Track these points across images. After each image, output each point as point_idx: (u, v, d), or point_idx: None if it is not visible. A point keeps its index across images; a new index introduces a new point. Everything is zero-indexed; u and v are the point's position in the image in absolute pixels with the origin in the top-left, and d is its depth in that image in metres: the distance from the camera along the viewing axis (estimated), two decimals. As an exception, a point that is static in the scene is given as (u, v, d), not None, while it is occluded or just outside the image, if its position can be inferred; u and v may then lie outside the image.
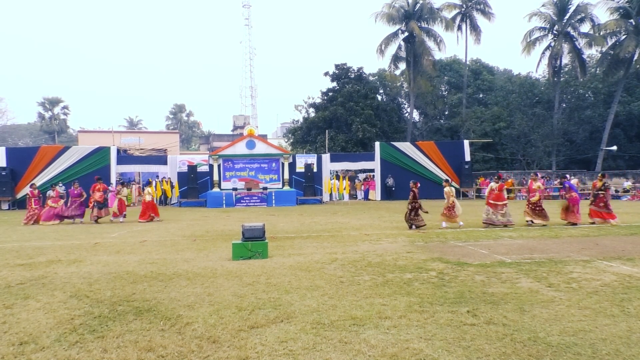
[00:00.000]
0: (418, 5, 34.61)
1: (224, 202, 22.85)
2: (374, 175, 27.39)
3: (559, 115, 33.51)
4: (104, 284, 6.17)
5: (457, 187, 25.94)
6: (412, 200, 12.13)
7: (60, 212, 15.73)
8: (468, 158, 26.75)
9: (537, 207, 12.66)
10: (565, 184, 13.71)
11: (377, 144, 27.11)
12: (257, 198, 23.41)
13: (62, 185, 20.57)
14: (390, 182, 25.87)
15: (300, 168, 25.64)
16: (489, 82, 42.57)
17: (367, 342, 3.89)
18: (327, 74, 36.90)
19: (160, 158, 27.85)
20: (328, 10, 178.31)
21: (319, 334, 4.09)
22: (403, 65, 37.38)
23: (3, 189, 22.67)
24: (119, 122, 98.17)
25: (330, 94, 36.07)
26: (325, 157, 26.73)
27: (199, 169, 24.69)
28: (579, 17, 31.83)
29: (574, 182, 15.71)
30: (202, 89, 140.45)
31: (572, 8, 32.12)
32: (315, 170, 25.50)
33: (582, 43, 32.50)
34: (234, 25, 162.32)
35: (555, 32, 32.93)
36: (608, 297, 5.22)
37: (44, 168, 23.58)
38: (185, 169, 24.61)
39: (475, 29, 36.11)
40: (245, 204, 23.07)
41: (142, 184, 27.97)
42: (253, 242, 7.93)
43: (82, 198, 15.94)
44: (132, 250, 9.15)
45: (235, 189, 23.92)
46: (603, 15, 62.73)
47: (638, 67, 32.41)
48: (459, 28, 36.59)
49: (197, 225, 14.07)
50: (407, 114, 40.76)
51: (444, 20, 35.22)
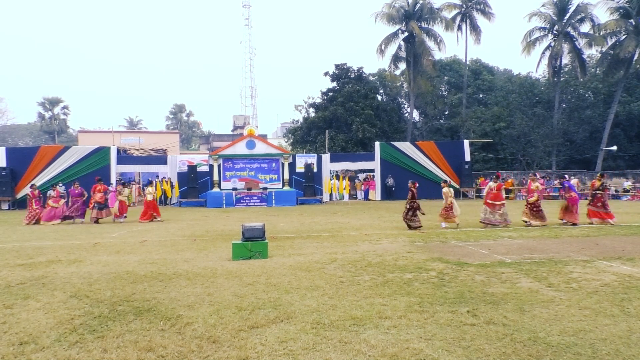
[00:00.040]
0: (418, 5, 34.60)
1: (224, 202, 22.86)
2: (374, 175, 27.39)
3: (559, 115, 33.50)
4: (104, 284, 6.17)
5: (457, 187, 25.95)
6: (410, 200, 12.11)
7: (62, 212, 15.73)
8: (468, 158, 26.76)
9: (534, 207, 12.62)
10: (565, 184, 13.69)
11: (377, 144, 27.11)
12: (257, 198, 23.42)
13: (62, 185, 20.56)
14: (390, 182, 25.88)
15: (300, 168, 25.65)
16: (489, 82, 42.56)
17: (367, 342, 3.89)
18: (327, 74, 36.90)
19: (160, 158, 27.84)
20: (328, 11, 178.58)
21: (319, 334, 4.09)
22: (403, 65, 37.37)
23: (3, 189, 22.68)
24: (119, 122, 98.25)
25: (330, 94, 36.06)
26: (325, 157, 26.74)
27: (199, 169, 24.69)
28: (579, 17, 31.82)
29: (574, 182, 15.70)
30: (202, 89, 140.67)
31: (572, 8, 32.12)
32: (315, 170, 25.51)
33: (582, 43, 32.51)
34: (234, 25, 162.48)
35: (555, 32, 32.92)
36: (608, 297, 5.22)
37: (44, 168, 23.58)
38: (185, 169, 24.61)
39: (475, 29, 36.11)
40: (245, 204, 23.07)
41: (142, 184, 27.96)
42: (253, 242, 7.93)
43: (83, 198, 15.96)
44: (132, 250, 9.15)
45: (235, 189, 23.92)
46: (603, 15, 62.76)
47: (638, 67, 32.39)
48: (459, 28, 36.59)
49: (197, 225, 14.07)
50: (407, 114, 40.76)
51: (444, 20, 35.21)
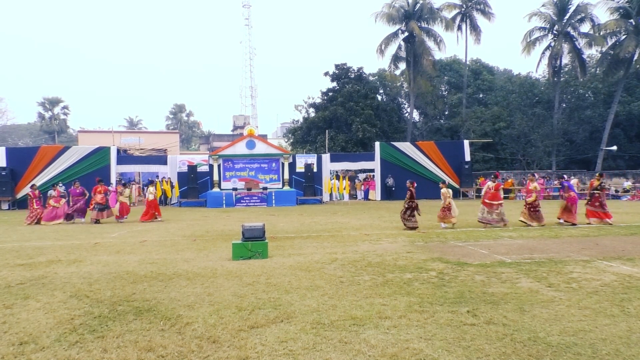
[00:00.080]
0: (418, 5, 34.60)
1: (224, 202, 22.85)
2: (374, 175, 27.39)
3: (559, 115, 33.50)
4: (104, 284, 6.17)
5: (457, 187, 25.97)
6: (408, 200, 12.15)
7: (63, 211, 15.74)
8: (468, 158, 26.76)
9: (532, 208, 12.62)
10: (564, 184, 13.68)
11: (377, 144, 27.11)
12: (257, 198, 23.41)
13: (62, 185, 20.56)
14: (390, 182, 25.89)
15: (300, 168, 25.64)
16: (489, 82, 42.55)
17: (367, 342, 3.89)
18: (327, 74, 36.88)
19: (160, 158, 27.83)
20: (328, 11, 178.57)
21: (319, 334, 4.09)
22: (403, 65, 37.37)
23: (3, 189, 22.67)
24: (119, 122, 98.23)
25: (330, 94, 36.06)
26: (325, 157, 26.73)
27: (199, 169, 24.69)
28: (579, 17, 31.81)
29: (574, 182, 15.68)
30: (202, 89, 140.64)
31: (572, 8, 32.11)
32: (315, 170, 25.50)
33: (582, 43, 32.51)
34: (234, 25, 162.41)
35: (555, 32, 32.92)
36: (608, 297, 5.22)
37: (44, 168, 23.58)
38: (185, 169, 24.60)
39: (475, 29, 36.11)
40: (245, 204, 23.07)
41: (142, 184, 27.96)
42: (253, 242, 7.93)
43: (84, 197, 15.96)
44: (132, 250, 9.15)
45: (235, 189, 23.92)
46: (603, 15, 62.78)
47: (638, 67, 32.39)
48: (459, 28, 36.59)
49: (197, 225, 14.06)
50: (407, 114, 40.75)
51: (444, 20, 35.21)
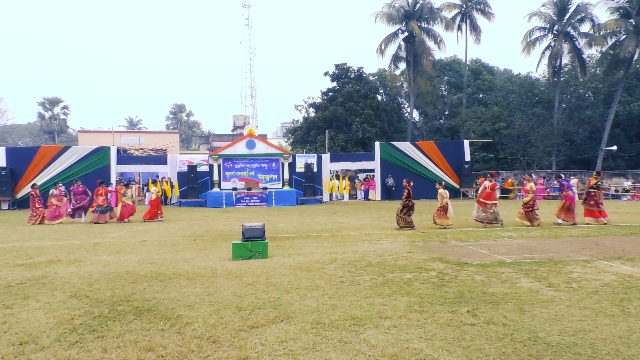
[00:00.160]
0: (418, 5, 34.59)
1: (224, 202, 22.85)
2: (374, 175, 27.40)
3: (559, 115, 33.50)
4: (104, 284, 6.17)
5: (457, 187, 25.99)
6: (405, 199, 12.22)
7: (65, 210, 15.77)
8: (468, 158, 26.77)
9: (527, 208, 12.67)
10: (562, 183, 13.68)
11: (377, 144, 27.12)
12: (257, 198, 23.41)
13: (62, 185, 20.57)
14: (390, 182, 25.89)
15: (300, 168, 25.64)
16: (489, 82, 42.54)
17: (367, 342, 3.89)
18: (327, 74, 36.89)
19: (160, 158, 27.82)
20: (328, 11, 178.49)
21: (319, 334, 4.09)
22: (403, 65, 37.36)
23: (3, 189, 22.67)
24: (119, 122, 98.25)
25: (330, 94, 36.06)
26: (325, 157, 26.74)
27: (199, 169, 24.69)
28: (579, 17, 31.80)
29: (574, 182, 15.66)
30: (202, 89, 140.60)
31: (572, 8, 32.09)
32: (315, 170, 25.50)
33: (582, 43, 32.48)
34: (234, 25, 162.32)
35: (555, 32, 32.91)
36: (608, 297, 5.22)
37: (44, 168, 23.58)
38: (185, 169, 24.60)
39: (475, 29, 36.11)
40: (245, 204, 23.06)
41: (142, 184, 27.97)
42: (253, 242, 7.93)
43: (88, 196, 15.96)
44: (132, 250, 9.15)
45: (235, 189, 23.92)
46: (603, 15, 62.81)
47: (638, 67, 32.37)
48: (459, 28, 36.58)
49: (197, 225, 14.06)
50: (407, 114, 40.74)
51: (444, 20, 35.20)
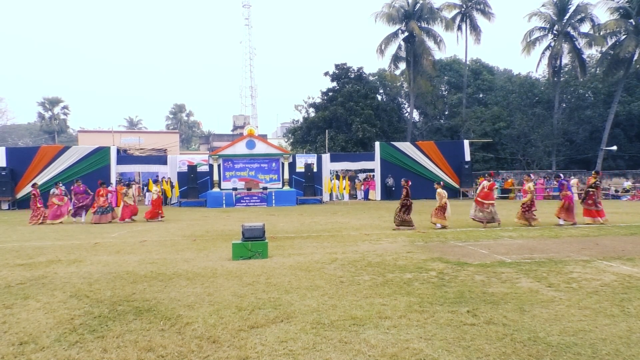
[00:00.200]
0: (418, 5, 34.57)
1: (224, 202, 22.84)
2: (374, 175, 27.40)
3: (559, 115, 33.49)
4: (104, 284, 6.17)
5: (457, 187, 26.00)
6: (404, 198, 12.27)
7: (67, 210, 15.80)
8: (468, 158, 26.77)
9: (524, 208, 12.71)
10: (561, 182, 13.69)
11: (377, 144, 27.12)
12: (257, 198, 23.41)
13: (62, 185, 20.58)
14: (390, 182, 25.89)
15: (300, 168, 25.64)
16: (489, 82, 42.52)
17: (367, 342, 3.89)
18: (327, 74, 36.87)
19: (160, 158, 27.82)
20: (328, 10, 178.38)
21: (319, 334, 4.09)
22: (403, 65, 37.34)
23: (3, 189, 22.67)
24: (119, 122, 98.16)
25: (330, 94, 36.04)
26: (325, 157, 26.74)
27: (199, 169, 24.68)
28: (579, 17, 31.78)
29: (574, 182, 15.64)
30: (202, 89, 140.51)
31: (572, 8, 32.07)
32: (315, 170, 25.50)
33: (582, 43, 32.46)
34: (234, 25, 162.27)
35: (555, 32, 32.90)
36: (608, 297, 5.22)
37: (44, 168, 23.57)
38: (185, 169, 24.60)
39: (475, 29, 36.09)
40: (245, 204, 23.06)
41: (142, 184, 27.96)
42: (253, 242, 7.93)
43: (89, 195, 15.96)
44: (132, 250, 9.15)
45: (235, 189, 23.92)
46: (603, 15, 62.75)
47: (638, 67, 32.35)
48: (459, 28, 36.56)
49: (197, 225, 14.06)
50: (407, 114, 40.73)
51: (444, 20, 35.19)
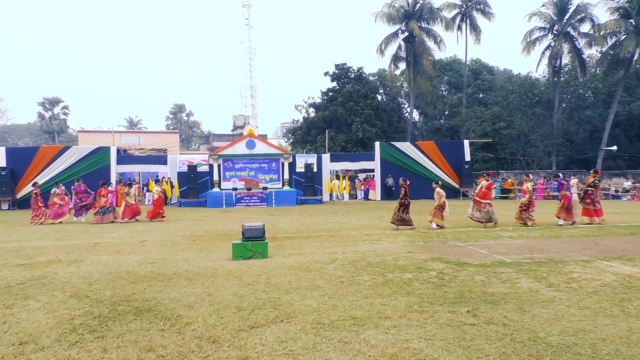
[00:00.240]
0: (418, 5, 34.57)
1: (224, 202, 22.85)
2: (374, 175, 27.40)
3: (559, 115, 33.49)
4: (104, 284, 6.17)
5: (457, 187, 26.01)
6: (403, 197, 12.30)
7: (68, 209, 15.83)
8: (468, 158, 26.78)
9: (522, 208, 12.72)
10: (561, 182, 13.70)
11: (377, 144, 27.12)
12: (257, 198, 23.41)
13: (62, 185, 20.58)
14: (390, 182, 25.89)
15: (300, 168, 25.65)
16: (489, 82, 42.51)
17: (367, 342, 3.89)
18: (327, 74, 36.86)
19: (160, 158, 27.82)
20: (328, 11, 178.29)
21: (319, 334, 4.09)
22: (403, 65, 37.34)
23: (3, 189, 22.67)
24: (119, 122, 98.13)
25: (330, 94, 36.03)
26: (325, 157, 26.74)
27: (199, 169, 24.69)
28: (579, 17, 31.78)
29: (574, 182, 15.65)
30: (202, 89, 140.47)
31: (572, 8, 32.07)
32: (315, 170, 25.51)
33: (582, 43, 32.47)
34: (234, 25, 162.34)
35: (555, 32, 32.90)
36: (608, 297, 5.22)
37: (44, 168, 23.57)
38: (185, 169, 24.60)
39: (475, 29, 36.09)
40: (245, 204, 23.06)
41: (142, 184, 27.96)
42: (253, 242, 7.93)
43: (91, 194, 15.97)
44: (132, 250, 9.15)
45: (235, 189, 23.92)
46: (603, 15, 62.72)
47: (638, 67, 32.36)
48: (459, 28, 36.55)
49: (197, 225, 14.07)
50: (407, 114, 40.73)
51: (444, 20, 35.19)
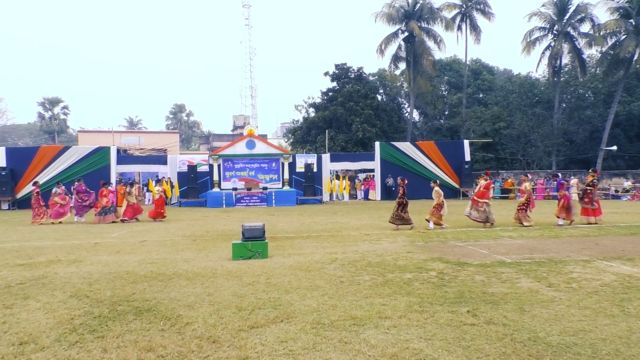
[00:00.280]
0: (418, 5, 34.57)
1: (224, 202, 22.85)
2: (374, 175, 27.41)
3: (559, 115, 33.49)
4: (104, 284, 6.17)
5: (457, 186, 26.01)
6: (401, 196, 12.32)
7: (69, 208, 15.85)
8: (468, 158, 26.79)
9: (520, 208, 12.74)
10: (560, 182, 13.70)
11: (377, 144, 27.12)
12: (257, 198, 23.41)
13: (62, 185, 20.57)
14: (390, 182, 25.88)
15: (300, 168, 25.65)
16: (489, 82, 42.51)
17: (367, 342, 3.89)
18: (327, 74, 36.87)
19: (160, 158, 27.83)
20: (328, 11, 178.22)
21: (319, 334, 4.09)
22: (403, 65, 37.34)
23: (3, 189, 22.66)
24: (119, 122, 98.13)
25: (330, 94, 36.04)
26: (325, 157, 26.74)
27: (199, 169, 24.69)
28: (579, 17, 31.78)
29: (574, 182, 15.66)
30: (202, 89, 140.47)
31: (572, 8, 32.07)
32: (315, 170, 25.52)
33: (582, 43, 32.47)
34: (234, 25, 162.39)
35: (555, 32, 32.90)
36: (608, 297, 5.22)
37: (44, 168, 23.56)
38: (185, 169, 24.61)
39: (475, 29, 36.09)
40: (245, 204, 23.06)
41: (142, 184, 27.95)
42: (253, 242, 7.93)
43: (91, 194, 15.97)
44: (132, 250, 9.15)
45: (235, 189, 23.92)
46: (603, 15, 62.69)
47: (638, 67, 32.35)
48: (459, 28, 36.56)
49: (197, 225, 14.06)
50: (407, 114, 40.73)
51: (444, 20, 35.19)
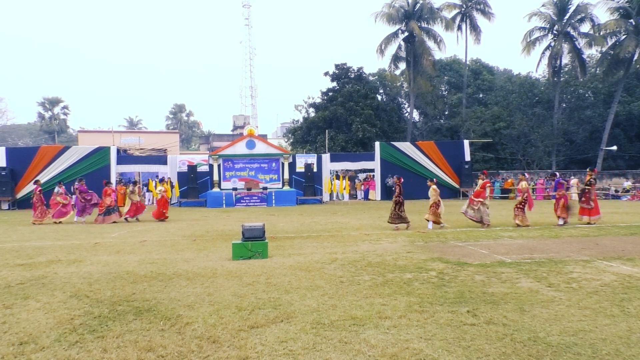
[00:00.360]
0: (418, 5, 34.57)
1: (224, 202, 22.85)
2: (374, 175, 27.41)
3: (559, 115, 33.49)
4: (104, 284, 6.17)
5: (457, 186, 26.03)
6: (397, 195, 12.36)
7: (70, 208, 15.86)
8: (468, 158, 26.79)
9: (518, 207, 12.76)
10: (558, 181, 13.70)
11: (377, 144, 27.13)
12: (257, 198, 23.41)
13: (62, 185, 20.57)
14: (390, 182, 25.83)
15: (300, 168, 25.66)
16: (489, 82, 42.52)
17: (367, 342, 3.89)
18: (327, 74, 36.87)
19: (160, 158, 27.83)
20: (328, 11, 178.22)
21: (319, 334, 4.09)
22: (403, 65, 37.35)
23: (3, 189, 22.66)
24: (119, 122, 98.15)
25: (330, 94, 36.04)
26: (325, 157, 26.75)
27: (199, 169, 24.69)
28: (579, 17, 31.79)
29: (574, 182, 15.65)
30: (202, 89, 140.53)
31: (572, 8, 32.08)
32: (315, 170, 25.52)
33: (582, 43, 32.48)
34: (234, 25, 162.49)
35: (555, 32, 32.90)
36: (608, 297, 5.22)
37: (44, 168, 23.56)
38: (185, 169, 24.61)
39: (475, 29, 36.10)
40: (245, 204, 23.06)
41: (142, 184, 27.95)
42: (253, 242, 7.93)
43: (92, 194, 15.96)
44: (132, 250, 9.15)
45: (235, 189, 23.92)
46: (603, 15, 62.69)
47: (638, 67, 32.37)
48: (459, 28, 36.56)
49: (197, 225, 14.07)
50: (407, 114, 40.73)
51: (444, 20, 35.19)
